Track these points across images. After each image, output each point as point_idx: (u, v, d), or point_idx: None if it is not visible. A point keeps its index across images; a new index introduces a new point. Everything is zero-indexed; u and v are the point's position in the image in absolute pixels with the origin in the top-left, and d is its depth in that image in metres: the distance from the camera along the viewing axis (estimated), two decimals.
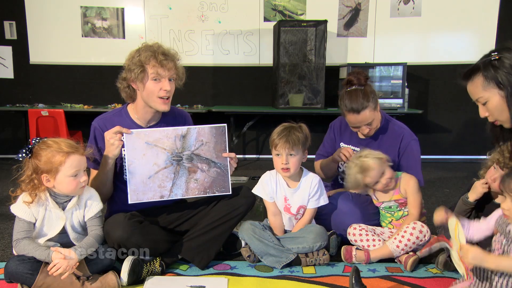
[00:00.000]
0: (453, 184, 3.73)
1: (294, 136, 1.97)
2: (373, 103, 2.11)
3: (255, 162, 4.96)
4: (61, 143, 1.69)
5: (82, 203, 1.79)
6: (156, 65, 1.83)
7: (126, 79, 1.90)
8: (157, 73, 1.84)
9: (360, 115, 2.10)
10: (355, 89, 2.12)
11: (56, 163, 1.65)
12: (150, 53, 1.83)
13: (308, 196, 2.04)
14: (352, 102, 2.09)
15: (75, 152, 1.69)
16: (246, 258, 1.97)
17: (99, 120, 1.97)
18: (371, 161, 2.02)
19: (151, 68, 1.84)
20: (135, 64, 1.84)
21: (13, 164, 1.71)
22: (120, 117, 1.97)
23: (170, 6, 4.87)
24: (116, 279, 1.68)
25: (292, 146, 1.95)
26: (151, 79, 1.85)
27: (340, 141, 2.40)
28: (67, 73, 4.95)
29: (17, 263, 1.62)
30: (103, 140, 1.86)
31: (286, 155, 1.97)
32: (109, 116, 1.99)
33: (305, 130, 2.03)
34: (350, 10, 4.88)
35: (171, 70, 1.87)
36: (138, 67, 1.83)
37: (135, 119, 1.97)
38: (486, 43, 4.86)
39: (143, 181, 1.83)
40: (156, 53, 1.83)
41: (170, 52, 1.90)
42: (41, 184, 1.68)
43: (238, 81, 5.02)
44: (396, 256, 1.96)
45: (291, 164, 1.97)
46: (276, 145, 1.99)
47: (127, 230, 1.74)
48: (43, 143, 1.69)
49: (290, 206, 2.05)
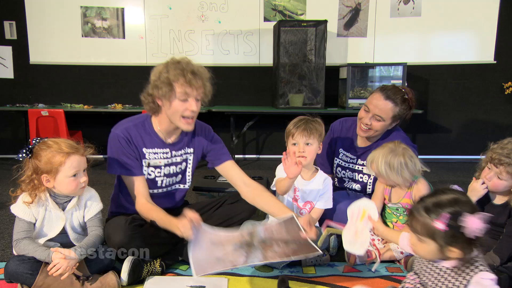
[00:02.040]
0: (453, 184, 3.73)
1: (312, 126, 1.99)
2: (399, 109, 2.15)
3: (255, 162, 4.96)
4: (61, 144, 1.69)
5: (82, 203, 1.80)
6: (184, 84, 1.76)
7: (152, 95, 1.85)
8: (185, 93, 1.77)
9: (384, 101, 2.13)
10: (402, 90, 2.17)
11: (56, 163, 1.65)
12: (179, 71, 1.76)
13: (317, 194, 2.06)
14: (392, 90, 2.15)
15: (75, 153, 1.69)
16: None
17: (122, 129, 1.90)
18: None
19: (179, 87, 1.77)
20: (162, 82, 1.77)
21: (13, 164, 1.71)
22: (143, 128, 1.94)
23: (170, 6, 4.87)
24: (116, 279, 1.68)
25: (309, 134, 1.97)
26: (178, 98, 1.79)
27: (339, 145, 2.40)
28: (67, 73, 4.95)
29: (17, 263, 1.62)
30: (130, 146, 1.87)
31: (303, 144, 1.98)
32: (131, 126, 1.93)
33: (320, 122, 2.04)
34: (350, 10, 4.88)
35: (199, 89, 1.80)
36: (166, 85, 1.76)
37: (157, 131, 1.95)
38: (486, 43, 4.87)
39: (209, 260, 1.60)
40: (185, 71, 1.77)
41: (199, 70, 1.82)
42: (41, 184, 1.68)
43: (238, 81, 5.02)
44: (398, 259, 1.97)
45: (308, 153, 1.99)
46: (293, 134, 2.00)
47: (128, 234, 1.74)
48: (43, 143, 1.69)
49: (298, 198, 2.07)
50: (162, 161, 1.96)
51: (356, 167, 2.35)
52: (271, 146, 5.15)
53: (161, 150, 1.96)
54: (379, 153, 1.98)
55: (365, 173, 2.31)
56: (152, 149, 1.94)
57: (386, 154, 1.96)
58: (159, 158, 1.95)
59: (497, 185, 1.83)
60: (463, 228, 1.17)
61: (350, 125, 2.40)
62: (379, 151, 1.99)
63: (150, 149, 1.94)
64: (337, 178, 2.43)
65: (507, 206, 1.84)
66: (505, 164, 1.78)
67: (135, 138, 1.91)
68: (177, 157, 2.00)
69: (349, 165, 2.37)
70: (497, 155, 1.80)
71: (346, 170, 2.38)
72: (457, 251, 1.21)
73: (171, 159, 1.98)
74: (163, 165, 1.97)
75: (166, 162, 1.97)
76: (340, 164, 2.41)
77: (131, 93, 4.92)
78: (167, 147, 1.96)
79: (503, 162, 1.78)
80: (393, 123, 2.21)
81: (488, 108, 5.02)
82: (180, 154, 2.01)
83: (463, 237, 1.18)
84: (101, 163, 4.80)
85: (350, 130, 2.39)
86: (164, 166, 1.97)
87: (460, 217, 1.18)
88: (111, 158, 1.91)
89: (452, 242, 1.20)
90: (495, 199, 1.90)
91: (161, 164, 1.96)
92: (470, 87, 4.99)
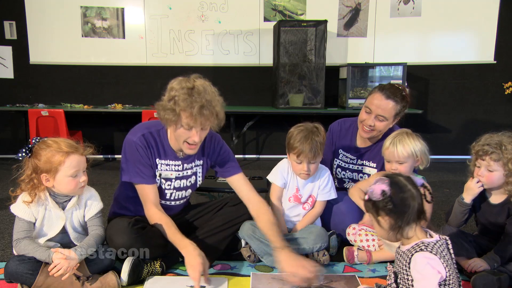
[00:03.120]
0: (453, 184, 3.73)
1: (317, 144, 1.93)
2: (400, 107, 2.15)
3: (255, 162, 4.96)
4: (61, 143, 1.69)
5: (82, 203, 1.80)
6: (189, 117, 1.70)
7: (160, 116, 1.79)
8: (189, 124, 1.73)
9: (386, 100, 2.12)
10: (399, 87, 2.17)
11: (55, 162, 1.65)
12: (188, 103, 1.68)
13: (318, 188, 2.07)
14: (391, 89, 2.15)
15: (74, 152, 1.69)
16: (246, 258, 1.97)
17: (140, 137, 1.85)
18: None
19: (185, 118, 1.71)
20: (170, 108, 1.71)
21: (13, 164, 1.71)
22: (159, 137, 1.90)
23: (170, 6, 4.87)
24: (116, 279, 1.68)
25: (315, 157, 1.95)
26: (183, 127, 1.75)
27: (339, 146, 2.39)
28: (67, 73, 4.94)
29: (17, 263, 1.62)
30: (147, 154, 1.85)
31: (307, 164, 1.97)
32: (148, 133, 1.88)
33: (322, 132, 2.00)
34: (350, 10, 4.88)
35: (206, 122, 1.74)
36: (172, 112, 1.71)
37: (171, 142, 1.91)
38: (486, 43, 4.87)
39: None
40: (194, 103, 1.68)
41: (210, 103, 1.71)
42: (41, 183, 1.68)
43: (238, 81, 5.02)
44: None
45: (312, 170, 2.00)
46: (299, 153, 1.94)
47: (131, 237, 1.74)
48: (43, 142, 1.69)
49: (301, 196, 2.08)
50: (174, 174, 1.94)
51: (357, 167, 2.34)
52: (271, 146, 5.15)
53: (173, 163, 1.93)
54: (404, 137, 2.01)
55: (366, 173, 2.31)
56: (165, 161, 1.92)
57: (415, 138, 2.00)
58: (171, 171, 1.93)
59: (491, 179, 1.80)
60: (370, 193, 1.38)
61: (349, 125, 2.39)
62: (403, 136, 2.01)
63: (164, 160, 1.91)
64: (337, 179, 2.43)
65: (505, 205, 1.82)
66: (489, 153, 1.79)
67: (152, 146, 1.88)
68: (187, 170, 1.98)
69: (349, 166, 2.36)
70: (479, 147, 1.83)
71: (346, 170, 2.38)
72: (386, 218, 1.37)
73: (182, 172, 1.96)
74: (173, 178, 1.95)
75: (177, 175, 1.95)
76: (340, 165, 2.40)
77: (131, 93, 4.92)
78: (179, 160, 1.94)
79: (486, 151, 1.79)
80: (394, 121, 2.21)
81: (488, 108, 5.02)
82: (191, 167, 1.99)
83: (375, 203, 1.37)
84: (101, 163, 4.81)
85: (350, 131, 2.38)
86: (175, 179, 1.95)
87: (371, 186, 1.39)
88: (126, 165, 1.88)
89: (374, 211, 1.39)
90: (492, 197, 1.88)
91: (172, 177, 1.94)
92: (470, 87, 4.99)
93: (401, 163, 1.98)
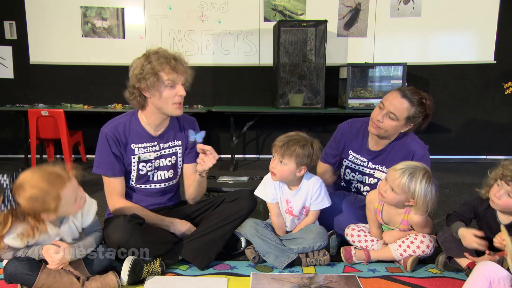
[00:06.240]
0: (453, 184, 3.73)
1: (292, 148, 1.92)
2: (414, 111, 2.06)
3: (255, 162, 4.96)
4: (46, 184, 1.48)
5: (78, 214, 1.71)
6: (170, 71, 1.82)
7: (139, 88, 1.87)
8: (172, 80, 1.83)
9: (401, 99, 2.05)
10: (421, 93, 2.09)
11: (52, 206, 1.51)
12: (163, 60, 1.81)
13: (310, 199, 2.03)
14: (410, 90, 2.09)
15: (65, 185, 1.53)
16: (251, 260, 1.97)
17: (111, 127, 1.93)
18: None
19: (165, 75, 1.83)
20: (148, 72, 1.81)
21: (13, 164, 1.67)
22: (131, 124, 1.97)
23: (170, 6, 4.87)
24: (116, 279, 1.68)
25: (283, 154, 1.93)
26: (166, 86, 1.84)
27: (349, 147, 2.30)
28: (67, 73, 4.95)
29: (16, 264, 1.61)
30: (117, 145, 1.92)
31: (277, 161, 1.96)
32: (119, 123, 1.96)
33: (310, 149, 1.93)
34: (350, 10, 4.88)
35: (184, 74, 1.87)
36: (152, 75, 1.81)
37: (145, 125, 1.98)
38: (486, 43, 4.87)
39: None
40: (168, 59, 1.82)
41: (180, 57, 1.88)
42: (41, 221, 1.57)
43: (238, 81, 5.02)
44: (396, 260, 1.97)
45: (278, 171, 1.96)
46: (273, 147, 2.00)
47: (127, 232, 1.74)
48: (22, 189, 1.46)
49: (293, 209, 2.04)
50: (152, 154, 2.00)
51: (367, 171, 2.25)
52: (271, 146, 5.14)
53: (150, 144, 1.99)
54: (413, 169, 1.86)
55: (376, 177, 2.23)
56: (141, 144, 1.98)
57: (428, 181, 1.84)
58: (149, 152, 1.99)
59: (508, 204, 1.68)
60: None
61: (360, 126, 2.30)
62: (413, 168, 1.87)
63: (139, 144, 1.97)
64: (344, 180, 2.36)
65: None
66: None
67: (124, 135, 1.94)
68: (165, 149, 2.03)
69: (359, 168, 2.27)
70: (509, 172, 1.64)
71: (355, 172, 2.29)
72: None
73: (160, 151, 2.02)
74: (153, 159, 2.00)
75: (156, 155, 2.01)
76: (349, 166, 2.31)
77: None
78: (155, 140, 2.00)
79: None
80: (406, 125, 2.11)
81: (488, 108, 5.02)
82: (168, 147, 2.04)
83: None
84: None
85: (361, 132, 2.28)
86: (155, 159, 2.01)
87: None
88: (99, 157, 1.94)
89: None
90: (500, 216, 1.77)
91: (151, 158, 2.00)
92: (470, 87, 4.99)
93: (394, 191, 1.86)
